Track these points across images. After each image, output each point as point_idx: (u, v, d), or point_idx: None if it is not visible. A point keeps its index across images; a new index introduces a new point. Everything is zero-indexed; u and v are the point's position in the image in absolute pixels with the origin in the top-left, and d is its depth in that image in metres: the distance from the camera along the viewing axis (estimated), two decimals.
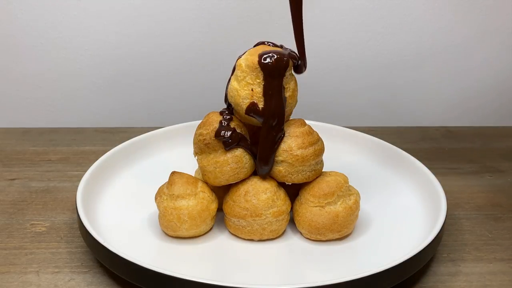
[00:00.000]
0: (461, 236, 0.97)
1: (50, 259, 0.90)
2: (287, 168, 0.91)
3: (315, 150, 0.92)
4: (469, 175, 1.16)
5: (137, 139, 1.12)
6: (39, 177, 1.12)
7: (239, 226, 0.91)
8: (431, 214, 0.94)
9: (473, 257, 0.92)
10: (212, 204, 0.91)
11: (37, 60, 1.31)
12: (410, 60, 1.35)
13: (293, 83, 0.91)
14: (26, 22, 1.28)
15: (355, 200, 0.92)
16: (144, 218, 0.96)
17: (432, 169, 1.04)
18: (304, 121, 0.94)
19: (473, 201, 1.07)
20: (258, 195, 0.91)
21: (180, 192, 0.90)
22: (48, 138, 1.28)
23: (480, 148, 1.27)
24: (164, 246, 0.90)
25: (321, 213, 0.90)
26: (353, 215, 0.91)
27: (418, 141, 1.30)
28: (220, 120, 0.91)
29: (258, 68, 0.88)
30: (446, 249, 0.93)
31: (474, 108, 1.40)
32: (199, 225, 0.90)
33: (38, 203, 1.04)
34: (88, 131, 1.31)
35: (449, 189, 1.05)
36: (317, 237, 0.91)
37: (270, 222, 0.90)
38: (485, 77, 1.37)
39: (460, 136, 1.32)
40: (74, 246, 0.93)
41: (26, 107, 1.35)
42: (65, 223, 0.99)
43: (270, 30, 1.30)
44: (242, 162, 0.91)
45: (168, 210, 0.89)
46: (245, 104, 0.90)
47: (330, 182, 0.91)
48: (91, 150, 1.22)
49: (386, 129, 1.35)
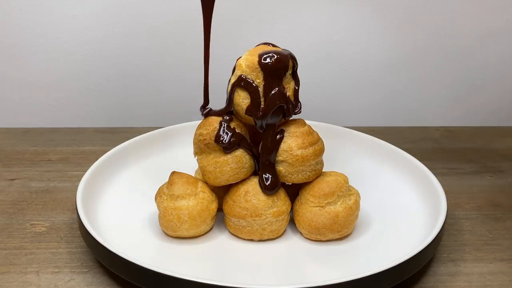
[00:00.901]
0: (461, 236, 0.97)
1: (50, 259, 0.90)
2: (287, 168, 0.91)
3: (315, 150, 0.92)
4: (469, 175, 1.16)
5: (137, 139, 1.12)
6: (39, 177, 1.12)
7: (239, 226, 0.91)
8: (431, 214, 0.94)
9: (473, 257, 0.92)
10: (212, 204, 0.91)
11: (37, 60, 1.32)
12: (410, 59, 1.35)
13: (293, 83, 0.91)
14: (26, 22, 1.28)
15: (355, 200, 0.92)
16: (144, 218, 0.96)
17: (432, 169, 1.04)
18: (304, 121, 0.94)
19: (473, 201, 1.07)
20: (258, 195, 0.91)
21: (180, 192, 0.90)
22: (48, 138, 1.28)
23: (481, 148, 1.27)
24: (164, 246, 0.90)
25: (321, 213, 0.90)
26: (353, 215, 0.91)
27: (418, 141, 1.30)
28: (220, 121, 0.91)
29: (258, 68, 0.88)
30: (446, 249, 0.94)
31: (475, 107, 1.40)
32: (199, 225, 0.90)
33: (38, 203, 1.04)
34: (88, 131, 1.31)
35: (449, 189, 1.05)
36: (317, 237, 0.91)
37: (270, 222, 0.91)
38: (486, 77, 1.37)
39: (460, 136, 1.32)
40: (74, 246, 0.93)
41: (26, 107, 1.35)
42: (65, 223, 0.99)
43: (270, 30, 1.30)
44: (242, 162, 0.91)
45: (168, 210, 0.89)
46: (245, 104, 0.90)
47: (330, 182, 0.91)
48: (91, 150, 1.22)
49: (386, 129, 1.35)
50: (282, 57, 0.88)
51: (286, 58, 0.89)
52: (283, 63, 0.88)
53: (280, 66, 0.88)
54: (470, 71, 1.37)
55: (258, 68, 0.88)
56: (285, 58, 0.89)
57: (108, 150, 1.08)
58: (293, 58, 0.90)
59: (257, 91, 0.88)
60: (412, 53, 1.34)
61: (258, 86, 0.89)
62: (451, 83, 1.38)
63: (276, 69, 0.88)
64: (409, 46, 1.34)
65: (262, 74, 0.88)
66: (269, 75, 0.88)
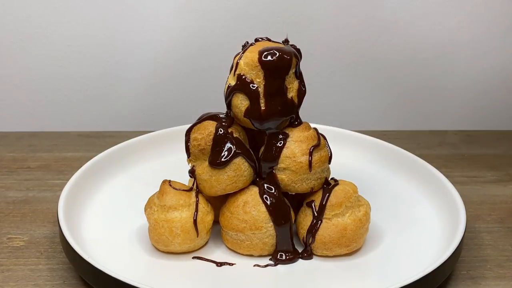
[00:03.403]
0: (482, 251, 0.97)
1: (29, 277, 0.90)
2: (290, 176, 0.91)
3: (321, 157, 0.92)
4: (491, 184, 1.16)
5: (125, 144, 1.12)
6: (17, 186, 1.12)
7: (237, 240, 0.91)
8: (448, 227, 0.94)
9: (495, 274, 0.92)
10: (207, 216, 0.92)
11: (15, 58, 1.32)
12: (425, 58, 1.36)
13: (297, 82, 0.91)
14: (2, 16, 1.29)
15: (365, 212, 0.92)
16: (132, 231, 0.96)
17: (450, 177, 1.04)
18: (309, 124, 0.94)
19: (495, 213, 1.07)
20: (258, 206, 0.91)
21: (172, 203, 0.90)
22: (27, 143, 1.28)
23: (503, 155, 1.27)
24: (154, 262, 0.90)
25: (328, 226, 0.90)
26: (362, 228, 0.91)
27: (434, 147, 1.30)
28: (216, 125, 0.91)
29: (258, 66, 0.88)
30: (465, 265, 0.94)
31: (496, 110, 1.40)
32: (193, 239, 0.91)
33: (16, 214, 1.04)
34: (71, 135, 1.32)
35: (469, 200, 1.05)
36: (323, 252, 0.91)
37: (271, 236, 0.91)
38: (509, 77, 1.38)
39: (481, 141, 1.33)
40: (55, 262, 0.93)
41: (2, 109, 1.35)
42: (46, 237, 0.99)
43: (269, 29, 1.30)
44: (240, 170, 0.91)
45: (159, 222, 0.90)
46: (244, 107, 0.90)
47: (337, 192, 0.91)
48: (74, 156, 1.23)
49: (399, 133, 1.35)
50: (285, 54, 0.89)
51: (289, 55, 0.89)
52: (285, 61, 0.88)
53: (283, 64, 0.88)
54: (491, 70, 1.37)
55: (258, 66, 0.88)
56: (288, 54, 0.89)
57: (93, 156, 1.08)
58: (296, 56, 0.90)
59: (257, 92, 0.89)
60: (428, 49, 1.35)
61: (258, 87, 0.89)
62: (470, 83, 1.38)
63: (278, 67, 0.88)
64: (425, 42, 1.34)
65: (262, 73, 0.88)
66: (270, 74, 0.88)
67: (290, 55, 0.89)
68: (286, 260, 0.90)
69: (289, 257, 0.91)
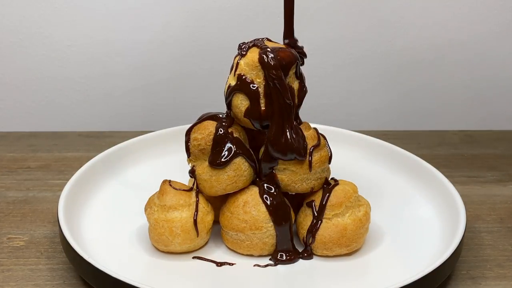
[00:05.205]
0: (482, 251, 0.97)
1: (29, 277, 0.90)
2: (290, 176, 0.91)
3: (321, 156, 0.92)
4: (491, 184, 1.16)
5: (125, 144, 1.13)
6: (17, 186, 1.12)
7: (237, 240, 0.92)
8: (449, 226, 0.94)
9: (495, 274, 0.92)
10: (207, 216, 0.92)
11: (15, 58, 1.32)
12: (425, 58, 1.36)
13: (297, 83, 0.91)
14: (2, 15, 1.29)
15: (365, 212, 0.92)
16: (132, 232, 0.96)
17: (450, 177, 1.04)
18: (309, 124, 0.94)
19: (495, 213, 1.07)
20: (258, 206, 0.91)
21: (173, 203, 0.90)
22: (27, 143, 1.28)
23: (503, 154, 1.27)
24: (154, 262, 0.91)
25: (328, 226, 0.90)
26: (363, 228, 0.92)
27: (434, 147, 1.30)
28: (216, 125, 0.91)
29: (258, 67, 0.88)
30: (465, 265, 0.94)
31: (496, 110, 1.40)
32: (193, 239, 0.91)
33: (16, 215, 1.04)
34: (71, 135, 1.32)
35: (469, 199, 1.05)
36: (323, 252, 0.92)
37: (271, 236, 0.91)
38: (509, 77, 1.38)
39: (481, 141, 1.33)
40: (55, 262, 0.93)
41: (2, 109, 1.35)
42: (46, 237, 0.99)
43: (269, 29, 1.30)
44: (240, 169, 0.91)
45: (159, 222, 0.90)
46: (244, 107, 0.90)
47: (337, 192, 0.92)
48: (74, 156, 1.23)
49: (399, 133, 1.35)
50: (286, 54, 0.89)
51: (290, 55, 0.89)
52: (286, 61, 0.89)
53: (283, 64, 0.88)
54: (492, 69, 1.37)
55: (259, 66, 0.88)
56: (289, 55, 0.89)
57: (93, 156, 1.08)
58: (296, 57, 0.90)
59: (257, 92, 0.89)
60: (428, 49, 1.35)
61: (259, 87, 0.89)
62: (471, 83, 1.38)
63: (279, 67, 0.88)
64: (425, 42, 1.34)
65: (262, 73, 0.88)
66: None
67: (291, 55, 0.89)
68: (286, 260, 0.91)
69: (289, 257, 0.91)
